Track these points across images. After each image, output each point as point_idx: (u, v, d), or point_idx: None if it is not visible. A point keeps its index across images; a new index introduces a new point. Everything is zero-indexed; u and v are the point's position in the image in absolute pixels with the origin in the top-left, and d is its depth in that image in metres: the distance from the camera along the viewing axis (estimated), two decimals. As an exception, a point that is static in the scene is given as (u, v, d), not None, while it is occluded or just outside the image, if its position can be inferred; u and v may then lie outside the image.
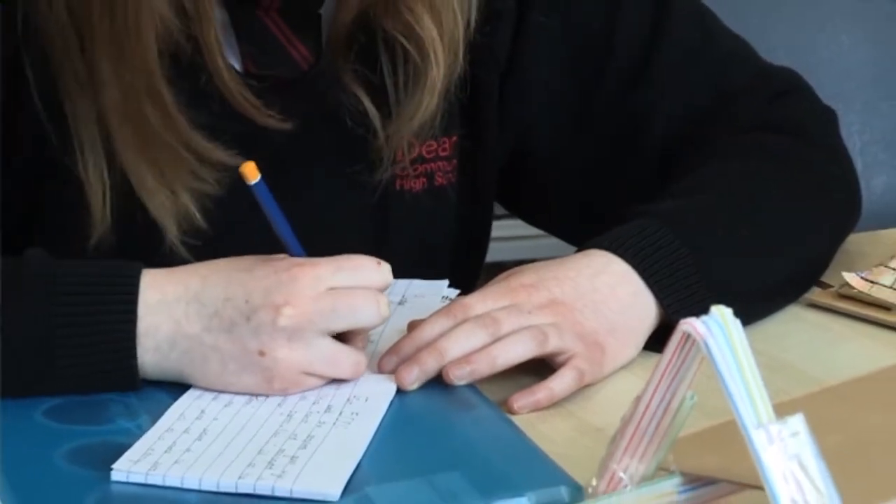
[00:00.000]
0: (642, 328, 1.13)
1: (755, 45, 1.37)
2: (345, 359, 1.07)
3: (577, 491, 0.91)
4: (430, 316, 1.10)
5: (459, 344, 1.06)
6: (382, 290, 1.08)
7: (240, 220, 1.19)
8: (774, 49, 1.57)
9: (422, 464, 0.98)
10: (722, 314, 0.64)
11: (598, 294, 1.12)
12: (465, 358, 1.05)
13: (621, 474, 0.70)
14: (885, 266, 1.26)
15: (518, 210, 1.43)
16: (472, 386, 1.07)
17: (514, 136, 1.34)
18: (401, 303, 1.19)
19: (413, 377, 1.06)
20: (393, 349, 1.09)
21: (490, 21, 1.29)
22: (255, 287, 1.06)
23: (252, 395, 1.07)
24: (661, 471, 0.70)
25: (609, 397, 1.10)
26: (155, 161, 1.16)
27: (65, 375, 1.07)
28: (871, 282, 1.25)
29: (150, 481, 0.94)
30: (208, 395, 1.07)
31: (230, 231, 1.19)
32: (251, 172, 1.09)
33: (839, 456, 0.63)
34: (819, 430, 0.63)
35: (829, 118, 1.34)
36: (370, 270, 1.08)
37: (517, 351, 1.06)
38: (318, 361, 1.06)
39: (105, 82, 1.15)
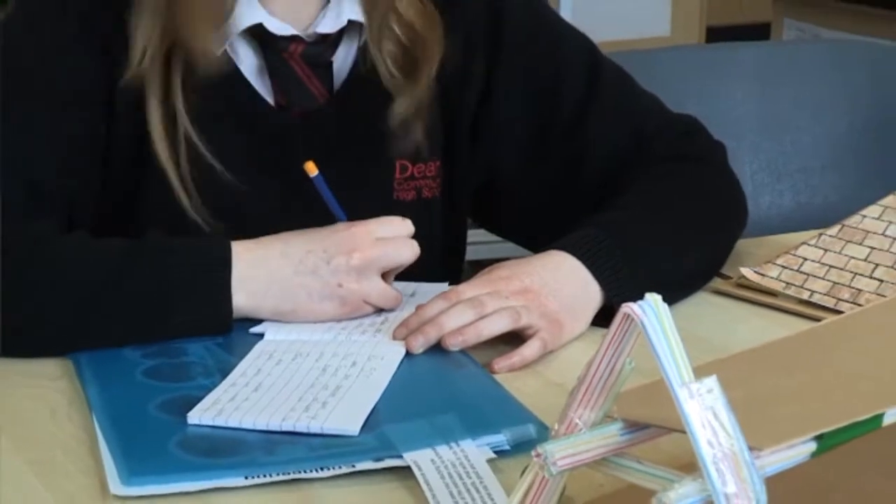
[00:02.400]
0: (590, 309, 1.14)
1: (674, 97, 1.37)
2: (390, 293, 1.15)
3: (543, 429, 0.91)
4: (432, 299, 1.11)
5: (454, 320, 1.07)
6: (410, 235, 1.15)
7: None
8: (688, 99, 1.57)
9: (425, 408, 0.98)
10: (654, 299, 0.64)
11: (557, 283, 1.12)
12: (458, 330, 1.07)
13: (577, 420, 0.69)
14: (772, 263, 1.26)
15: (486, 220, 1.42)
16: (463, 351, 1.08)
17: (484, 164, 1.34)
18: (413, 295, 1.19)
19: (419, 343, 1.07)
20: (404, 323, 1.10)
21: (465, 79, 1.29)
22: (329, 241, 1.12)
23: (302, 344, 1.09)
24: (608, 418, 0.69)
25: (567, 361, 1.10)
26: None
27: (175, 323, 1.09)
28: (762, 274, 1.25)
29: (217, 423, 0.94)
30: (265, 355, 1.06)
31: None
32: (311, 168, 1.19)
33: (742, 408, 0.63)
34: (726, 388, 0.63)
35: (721, 150, 1.34)
36: (400, 224, 1.14)
37: (497, 326, 1.08)
38: (375, 294, 1.13)
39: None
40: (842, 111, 1.77)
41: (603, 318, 1.13)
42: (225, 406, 0.96)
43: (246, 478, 0.87)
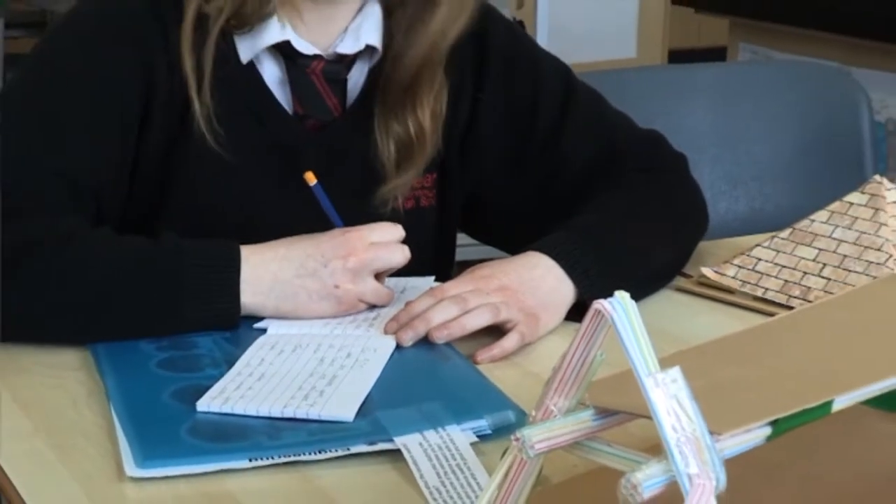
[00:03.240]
0: (564, 304, 1.14)
1: (640, 114, 1.38)
2: (384, 292, 1.14)
3: (522, 415, 0.91)
4: (419, 296, 1.11)
5: (440, 315, 1.07)
6: (401, 240, 1.14)
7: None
8: (653, 115, 1.57)
9: (414, 396, 0.97)
10: (622, 297, 0.63)
11: (534, 281, 1.12)
12: (444, 325, 1.07)
13: (552, 407, 0.68)
14: (730, 263, 1.26)
15: (473, 228, 1.42)
16: (448, 344, 1.07)
17: (472, 176, 1.34)
18: (403, 292, 1.19)
19: (409, 337, 1.07)
20: (395, 318, 1.10)
21: (454, 99, 1.28)
22: (326, 246, 1.12)
23: (301, 337, 1.08)
24: (580, 405, 0.69)
25: (543, 353, 1.10)
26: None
27: (187, 318, 1.09)
28: (720, 273, 1.25)
29: (224, 410, 0.93)
30: (267, 347, 1.05)
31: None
32: (311, 178, 1.19)
33: (703, 395, 0.63)
34: (689, 377, 0.62)
35: (682, 161, 1.35)
36: (392, 230, 1.13)
37: (480, 320, 1.08)
38: (369, 293, 1.13)
39: None
40: (792, 126, 1.78)
41: (575, 313, 1.13)
42: (231, 395, 0.95)
43: (250, 460, 0.87)
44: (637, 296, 0.65)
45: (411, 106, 1.24)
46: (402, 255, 1.13)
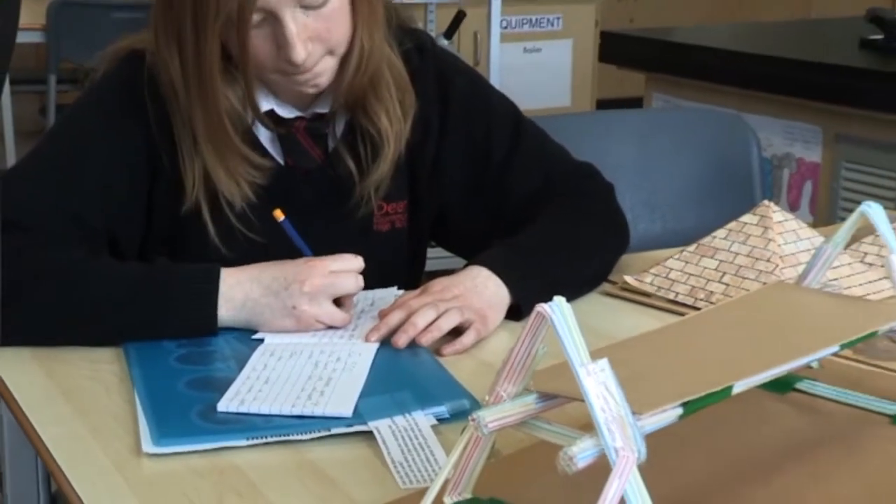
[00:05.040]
0: (503, 306, 1.12)
1: (574, 150, 1.36)
2: (337, 315, 1.09)
3: (476, 403, 0.90)
4: (392, 310, 1.09)
5: (423, 320, 1.06)
6: (359, 270, 1.09)
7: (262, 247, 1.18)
8: (584, 151, 1.55)
9: (386, 386, 0.95)
10: (560, 301, 0.63)
11: (478, 288, 1.11)
12: (427, 328, 1.05)
13: (502, 393, 0.68)
14: (647, 272, 1.25)
15: (440, 241, 1.40)
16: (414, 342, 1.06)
17: (437, 201, 1.31)
18: (372, 304, 1.16)
19: (404, 340, 1.05)
20: (376, 328, 1.08)
21: (422, 137, 1.27)
22: (289, 272, 1.08)
23: (294, 346, 1.05)
24: (526, 390, 0.68)
25: (495, 348, 1.08)
26: (225, 164, 1.16)
27: (173, 325, 1.06)
28: (640, 280, 1.24)
29: (241, 411, 0.90)
30: (268, 353, 1.03)
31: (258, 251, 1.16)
32: (279, 215, 1.15)
33: (627, 381, 0.62)
34: (615, 367, 0.62)
35: (610, 189, 1.33)
36: (351, 261, 1.09)
37: (451, 322, 1.07)
38: (324, 315, 1.08)
39: (199, 132, 1.15)
40: (697, 161, 1.78)
41: (512, 313, 1.12)
42: (245, 397, 0.92)
43: (247, 439, 0.86)
44: (565, 298, 0.63)
45: (371, 107, 1.20)
46: (355, 283, 1.09)
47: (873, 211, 0.85)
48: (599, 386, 0.61)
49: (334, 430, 0.87)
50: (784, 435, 0.85)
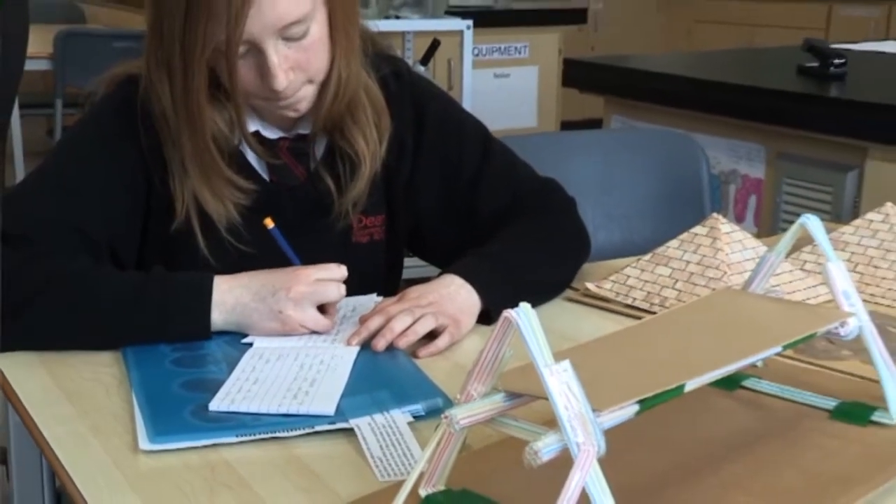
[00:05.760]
0: (474, 311, 1.12)
1: (540, 167, 1.36)
2: (321, 320, 1.08)
3: (449, 401, 0.89)
4: (372, 315, 1.08)
5: (399, 325, 1.05)
6: (342, 280, 1.08)
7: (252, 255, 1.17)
8: (549, 168, 1.55)
9: (367, 386, 0.94)
10: (525, 308, 0.63)
11: (451, 295, 1.11)
12: (404, 333, 1.05)
13: (473, 392, 0.67)
14: (607, 279, 1.25)
15: (416, 252, 1.39)
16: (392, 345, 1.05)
17: (413, 215, 1.31)
18: (353, 310, 1.15)
19: (382, 344, 1.04)
20: (356, 332, 1.07)
21: (397, 155, 1.26)
22: (276, 280, 1.08)
23: (281, 349, 1.04)
24: (494, 390, 0.67)
25: (466, 350, 1.07)
26: (211, 186, 1.15)
27: (171, 331, 1.05)
28: (600, 287, 1.24)
29: (230, 409, 0.89)
30: (257, 356, 1.02)
31: (249, 259, 1.16)
32: (269, 223, 1.14)
33: (587, 381, 0.62)
34: (576, 367, 0.62)
35: (572, 204, 1.32)
36: (335, 270, 1.08)
37: (426, 326, 1.06)
38: (308, 320, 1.07)
39: (187, 155, 1.14)
40: (652, 177, 1.78)
41: (483, 318, 1.12)
42: (235, 397, 0.91)
43: (237, 436, 0.85)
44: (530, 303, 0.63)
45: (349, 129, 1.20)
46: (337, 292, 1.08)
47: (811, 223, 0.85)
48: (562, 385, 0.60)
49: (318, 428, 0.86)
50: (731, 429, 0.85)
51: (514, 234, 1.23)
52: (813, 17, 5.13)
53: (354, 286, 1.13)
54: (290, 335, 1.07)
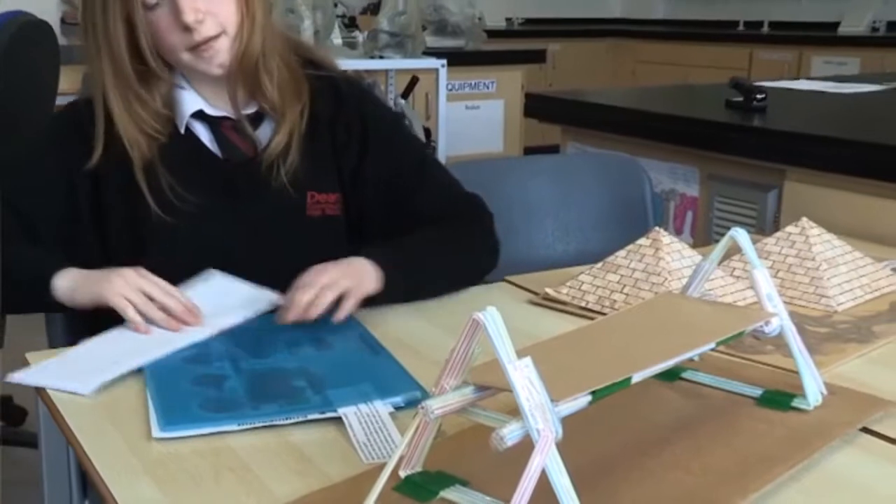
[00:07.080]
0: (375, 281, 1.10)
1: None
2: (158, 287, 1.06)
3: (426, 393, 0.87)
4: (301, 289, 1.05)
5: (306, 297, 1.04)
6: (180, 313, 1.05)
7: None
8: (513, 189, 1.55)
9: (353, 379, 0.93)
10: (491, 311, 0.62)
11: (350, 267, 1.09)
12: (313, 304, 1.04)
13: (446, 385, 0.66)
14: (564, 285, 1.24)
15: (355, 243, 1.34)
16: (375, 340, 1.03)
17: (360, 201, 1.27)
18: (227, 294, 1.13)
19: (290, 317, 1.04)
20: (283, 307, 1.06)
21: (347, 147, 1.25)
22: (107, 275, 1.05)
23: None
24: (465, 383, 0.66)
25: (440, 347, 1.04)
26: (130, 110, 1.15)
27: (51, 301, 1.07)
28: (558, 291, 1.23)
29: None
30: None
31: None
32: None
33: (547, 374, 0.62)
34: (537, 363, 0.61)
35: (489, 217, 1.29)
36: (178, 297, 1.06)
37: (331, 296, 1.05)
38: (146, 283, 1.05)
39: (107, 84, 1.14)
40: (602, 196, 1.78)
41: (380, 297, 1.10)
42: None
43: (238, 424, 0.83)
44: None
45: (263, 82, 1.19)
46: (133, 312, 1.04)
47: (739, 235, 0.85)
48: (524, 379, 0.60)
49: (310, 417, 0.85)
50: (672, 415, 0.85)
51: (426, 232, 1.21)
52: (737, 59, 5.28)
53: (314, 259, 1.10)
54: (126, 297, 1.03)
